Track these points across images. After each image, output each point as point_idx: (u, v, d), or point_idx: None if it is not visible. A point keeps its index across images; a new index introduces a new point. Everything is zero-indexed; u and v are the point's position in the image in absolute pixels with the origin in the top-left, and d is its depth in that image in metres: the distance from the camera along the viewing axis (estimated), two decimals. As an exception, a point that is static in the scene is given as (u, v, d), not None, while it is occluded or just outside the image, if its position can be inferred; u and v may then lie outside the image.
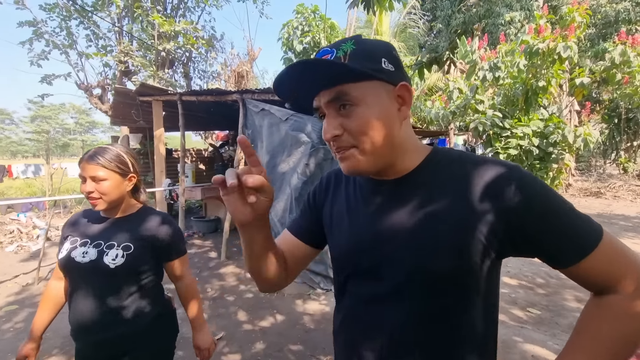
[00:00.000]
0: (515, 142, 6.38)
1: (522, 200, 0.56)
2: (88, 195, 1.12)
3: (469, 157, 0.65)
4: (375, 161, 0.62)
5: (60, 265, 1.17)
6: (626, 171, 13.34)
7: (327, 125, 0.61)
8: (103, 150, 1.14)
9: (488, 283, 0.62)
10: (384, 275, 0.64)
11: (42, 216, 6.44)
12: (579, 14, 6.06)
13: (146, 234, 1.18)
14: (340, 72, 0.58)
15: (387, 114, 0.60)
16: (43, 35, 6.36)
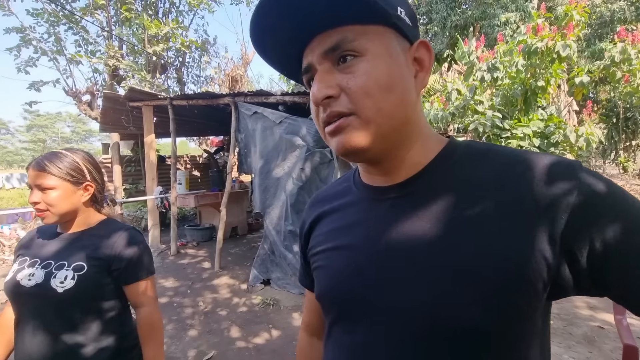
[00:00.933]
0: (516, 143, 6.26)
1: (591, 215, 0.38)
2: (34, 207, 0.96)
3: (503, 152, 0.45)
4: (381, 135, 0.43)
5: (5, 290, 0.97)
6: (626, 171, 13.28)
7: (318, 83, 0.43)
8: (53, 155, 0.99)
9: (532, 335, 0.42)
10: (381, 320, 0.45)
11: (29, 227, 6.22)
12: (577, 12, 5.97)
13: (104, 251, 0.99)
14: (347, 4, 0.40)
15: (400, 73, 0.43)
16: (31, 41, 6.21)
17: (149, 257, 1.09)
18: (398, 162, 0.47)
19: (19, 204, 10.56)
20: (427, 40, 0.46)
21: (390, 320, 0.44)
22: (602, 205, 0.38)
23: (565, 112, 9.93)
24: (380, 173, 0.49)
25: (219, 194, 5.59)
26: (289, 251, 3.52)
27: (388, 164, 0.48)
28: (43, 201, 0.95)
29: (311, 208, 0.62)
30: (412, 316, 0.42)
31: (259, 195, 3.83)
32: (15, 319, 0.98)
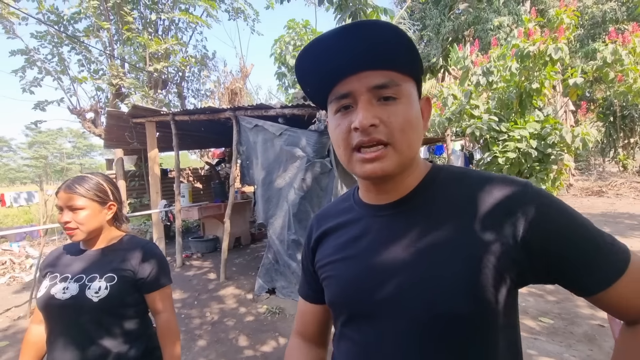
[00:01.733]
0: (513, 145, 6.33)
1: (541, 221, 0.49)
2: (65, 226, 1.06)
3: (476, 175, 0.57)
4: (404, 165, 0.54)
5: (39, 305, 1.07)
6: (626, 168, 13.31)
7: (364, 112, 0.51)
8: (81, 179, 1.10)
9: (507, 317, 0.53)
10: (385, 319, 0.54)
11: (37, 244, 6.31)
12: (567, 16, 6.10)
13: (128, 263, 1.11)
14: (403, 52, 0.50)
15: (419, 119, 0.55)
16: (35, 62, 6.38)
17: (166, 268, 1.20)
18: (398, 185, 0.58)
19: (24, 221, 10.65)
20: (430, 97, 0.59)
21: (393, 315, 0.53)
22: (548, 214, 0.50)
23: (561, 112, 10.03)
24: (380, 192, 0.59)
25: (222, 205, 5.68)
26: (293, 260, 3.59)
27: (391, 186, 0.58)
28: (73, 220, 1.06)
29: (316, 225, 0.71)
30: (410, 310, 0.52)
31: (262, 206, 3.92)
32: (49, 331, 1.07)
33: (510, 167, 6.54)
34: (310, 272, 0.72)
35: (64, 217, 1.06)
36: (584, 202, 9.30)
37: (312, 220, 0.74)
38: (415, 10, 14.65)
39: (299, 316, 0.77)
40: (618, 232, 5.90)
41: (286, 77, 10.14)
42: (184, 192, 5.78)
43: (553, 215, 0.50)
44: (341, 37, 0.50)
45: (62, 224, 1.07)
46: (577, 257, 0.49)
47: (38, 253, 5.53)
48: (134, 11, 6.93)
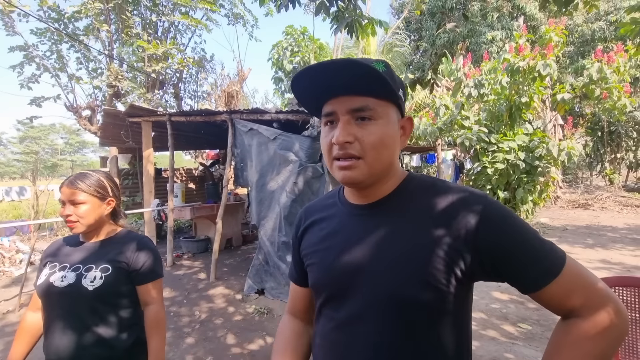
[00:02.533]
0: (502, 157, 6.52)
1: (489, 227, 0.59)
2: (66, 219, 1.14)
3: (441, 185, 0.67)
4: (374, 175, 0.64)
5: (38, 291, 1.15)
6: (612, 182, 13.64)
7: (341, 131, 0.62)
8: (83, 175, 1.18)
9: (458, 305, 0.63)
10: (356, 299, 0.65)
11: (27, 239, 6.28)
12: (555, 34, 6.34)
13: (123, 255, 1.19)
14: (377, 84, 0.60)
15: (395, 137, 0.65)
16: (34, 59, 6.40)
17: (159, 262, 1.27)
18: (375, 190, 0.68)
19: (13, 216, 10.52)
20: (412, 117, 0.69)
21: (363, 299, 0.64)
22: (497, 222, 0.60)
23: (550, 126, 10.29)
24: (361, 195, 0.71)
25: (215, 206, 5.73)
26: (283, 261, 3.67)
27: (369, 191, 0.69)
28: (74, 214, 1.14)
29: (304, 216, 0.83)
30: (376, 295, 0.63)
31: (255, 208, 3.99)
32: (46, 316, 1.14)
33: (498, 178, 6.73)
34: (297, 258, 0.83)
35: (66, 210, 1.13)
36: (570, 214, 9.53)
37: (301, 212, 0.85)
38: (412, 21, 14.96)
39: (290, 297, 0.88)
40: (600, 244, 6.09)
41: (283, 81, 10.27)
42: (177, 191, 5.82)
43: (501, 224, 0.59)
44: (330, 68, 0.60)
45: (64, 217, 1.14)
46: (519, 260, 0.58)
47: (28, 248, 5.52)
48: (134, 13, 7.01)
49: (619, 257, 5.22)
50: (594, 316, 0.56)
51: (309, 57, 9.45)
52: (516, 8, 12.92)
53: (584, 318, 0.57)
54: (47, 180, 11.61)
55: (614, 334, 0.56)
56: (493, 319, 3.26)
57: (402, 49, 13.18)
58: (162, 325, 1.23)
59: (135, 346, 1.19)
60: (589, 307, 0.57)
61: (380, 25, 3.23)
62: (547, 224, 8.09)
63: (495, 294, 3.87)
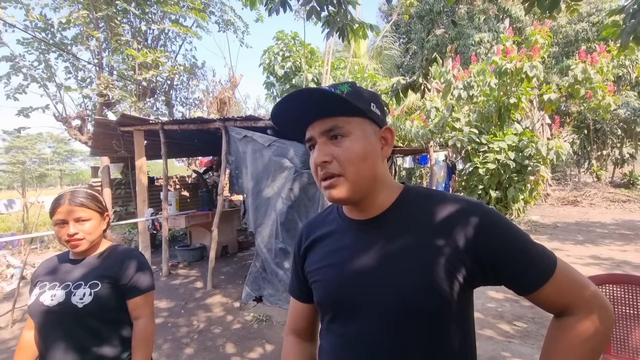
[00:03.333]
0: (493, 157, 6.64)
1: (487, 234, 0.63)
2: (71, 238, 1.11)
3: (438, 196, 0.70)
4: (358, 190, 0.66)
5: (29, 312, 1.13)
6: (599, 179, 13.95)
7: (318, 152, 0.66)
8: (79, 192, 1.17)
9: (461, 311, 0.67)
10: (364, 313, 0.67)
11: (17, 253, 6.15)
12: (541, 36, 6.50)
13: (111, 270, 1.17)
14: (338, 104, 0.64)
15: (372, 148, 0.67)
16: (21, 69, 6.30)
17: (149, 274, 1.25)
18: (369, 204, 0.70)
19: (1, 229, 10.29)
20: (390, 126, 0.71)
21: (372, 312, 0.66)
22: (493, 230, 0.64)
23: (539, 125, 10.51)
24: (358, 210, 0.73)
25: (209, 214, 5.70)
26: (280, 268, 3.67)
27: (362, 206, 0.71)
28: (81, 231, 1.13)
29: (305, 233, 0.84)
30: (384, 307, 0.65)
31: (251, 215, 3.99)
32: (38, 336, 1.13)
33: (490, 178, 6.84)
34: (299, 275, 0.84)
35: (71, 229, 1.11)
36: (560, 211, 9.71)
37: (301, 229, 0.87)
38: (401, 24, 15.15)
39: (290, 313, 0.89)
40: (590, 240, 6.22)
41: (274, 86, 10.29)
42: (171, 200, 5.78)
43: (497, 231, 0.63)
44: (298, 99, 0.65)
45: (68, 237, 1.11)
46: (516, 265, 0.62)
47: (19, 262, 5.41)
48: (123, 21, 6.97)
49: (608, 253, 5.34)
50: (584, 313, 0.61)
51: (300, 62, 9.50)
52: (502, 10, 13.19)
53: (575, 315, 0.62)
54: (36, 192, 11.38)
55: (602, 328, 0.60)
56: (489, 318, 3.31)
57: (391, 52, 13.33)
58: (149, 341, 1.20)
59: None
60: (579, 304, 0.62)
61: (371, 29, 3.28)
62: (538, 222, 8.23)
63: (490, 293, 3.93)
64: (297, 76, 9.56)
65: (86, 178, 43.47)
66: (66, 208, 1.12)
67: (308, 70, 9.34)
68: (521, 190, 6.86)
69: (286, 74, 9.72)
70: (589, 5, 13.46)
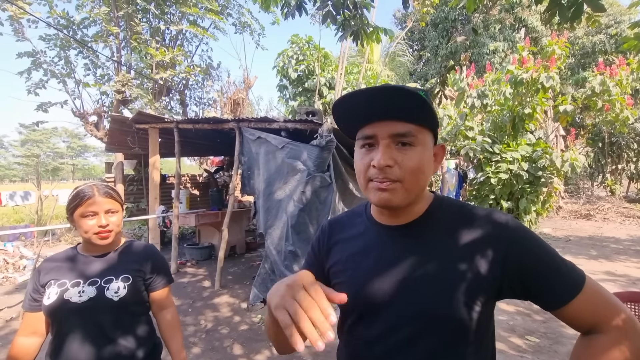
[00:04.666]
0: (506, 167, 6.55)
1: (517, 248, 0.63)
2: (102, 229, 1.12)
3: (469, 208, 0.71)
4: (410, 199, 0.66)
5: (50, 310, 1.10)
6: (614, 193, 13.65)
7: (383, 154, 0.63)
8: (105, 185, 1.19)
9: (486, 321, 0.67)
10: (390, 318, 0.67)
11: (30, 245, 6.27)
12: (558, 47, 6.42)
13: (137, 264, 1.21)
14: (422, 112, 0.63)
15: (430, 163, 0.68)
16: (41, 64, 6.46)
17: (168, 267, 1.33)
18: (405, 211, 0.71)
19: (14, 220, 10.49)
20: (444, 145, 0.73)
21: (397, 317, 0.66)
22: (523, 245, 0.64)
23: (552, 136, 10.35)
24: (391, 216, 0.73)
25: (219, 213, 5.73)
26: (290, 271, 3.66)
27: (398, 212, 0.71)
28: (111, 223, 1.14)
29: (329, 231, 0.84)
30: (408, 313, 0.65)
31: (262, 216, 4.00)
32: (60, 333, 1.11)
33: (502, 188, 6.75)
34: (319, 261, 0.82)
35: (102, 220, 1.12)
36: (573, 225, 9.52)
37: (324, 226, 0.86)
38: (415, 30, 15.14)
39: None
40: (604, 256, 6.08)
41: (287, 89, 10.35)
42: (182, 198, 5.83)
43: (526, 246, 0.64)
44: (379, 92, 0.62)
45: (97, 228, 1.11)
46: (545, 279, 0.62)
47: (32, 253, 5.51)
48: (143, 20, 7.10)
49: (623, 269, 5.21)
50: (615, 333, 0.60)
51: (314, 66, 9.54)
52: (518, 20, 13.09)
53: (604, 334, 0.60)
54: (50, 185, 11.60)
55: (631, 349, 0.58)
56: (500, 331, 3.24)
57: (404, 58, 13.32)
58: (180, 326, 1.30)
59: (153, 351, 1.23)
60: (608, 323, 0.60)
61: (385, 33, 3.27)
62: (550, 235, 8.08)
63: (501, 305, 3.86)
64: (310, 79, 9.61)
65: (98, 173, 44.18)
66: (97, 200, 1.12)
67: (321, 74, 9.38)
68: (533, 201, 6.75)
69: (299, 77, 9.78)
70: (608, 17, 13.28)
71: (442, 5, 12.74)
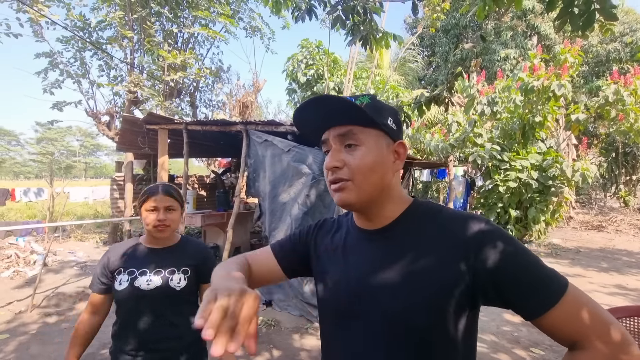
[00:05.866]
0: (515, 175, 6.47)
1: (492, 252, 0.61)
2: (160, 223, 1.28)
3: (447, 212, 0.70)
4: (364, 197, 0.67)
5: (122, 296, 1.27)
6: (627, 205, 13.31)
7: (330, 157, 0.68)
8: (169, 185, 1.37)
9: (464, 329, 0.65)
10: (364, 320, 0.68)
11: (41, 240, 6.41)
12: (571, 55, 6.35)
13: (194, 259, 1.37)
14: (354, 113, 0.66)
15: (383, 160, 0.68)
16: (58, 65, 6.65)
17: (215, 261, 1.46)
18: (376, 215, 0.71)
19: (27, 216, 10.76)
20: (404, 142, 0.72)
21: (370, 321, 0.67)
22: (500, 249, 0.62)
23: (564, 145, 10.19)
24: (365, 219, 0.74)
25: (225, 214, 5.77)
26: (292, 273, 3.66)
27: (369, 215, 0.72)
28: (168, 218, 1.29)
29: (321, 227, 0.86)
30: (379, 317, 0.65)
31: (267, 219, 4.02)
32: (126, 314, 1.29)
33: (510, 196, 6.66)
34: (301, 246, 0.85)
35: (161, 215, 1.27)
36: (584, 236, 9.31)
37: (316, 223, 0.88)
38: (425, 36, 15.11)
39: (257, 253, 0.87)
40: (615, 269, 5.93)
41: (296, 93, 10.43)
42: (189, 198, 5.89)
43: (503, 249, 0.61)
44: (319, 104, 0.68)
45: (156, 222, 1.27)
46: (521, 285, 0.59)
47: (42, 249, 5.63)
48: (156, 24, 7.26)
49: (635, 283, 5.07)
50: (597, 349, 0.55)
51: (323, 70, 9.60)
52: (530, 27, 12.97)
53: (588, 350, 0.56)
54: (62, 182, 11.85)
55: None
56: (504, 342, 3.19)
57: (415, 64, 13.30)
58: None
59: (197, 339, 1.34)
60: (592, 338, 0.56)
61: (395, 39, 3.28)
62: (560, 245, 7.92)
63: (506, 316, 3.79)
64: (318, 84, 9.67)
65: (109, 172, 45.07)
66: (159, 197, 1.29)
67: (330, 79, 9.43)
68: (543, 211, 6.64)
69: (308, 81, 9.85)
70: (623, 26, 13.06)
71: (453, 11, 12.72)
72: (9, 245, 5.42)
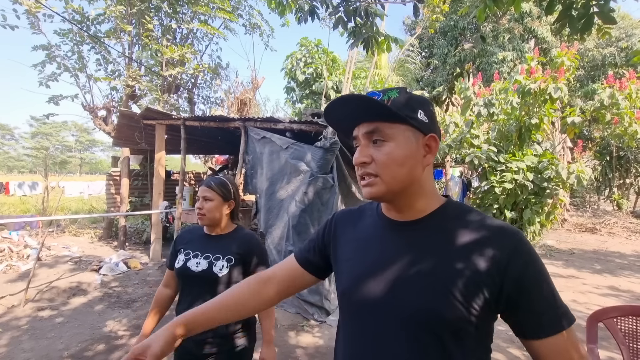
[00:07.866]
0: (510, 176, 6.50)
1: (518, 263, 0.62)
2: (199, 211, 1.43)
3: (478, 214, 0.71)
4: (393, 192, 0.69)
5: (178, 273, 1.44)
6: (620, 208, 13.47)
7: (359, 152, 0.71)
8: (215, 178, 1.50)
9: (481, 331, 0.66)
10: (385, 310, 0.67)
11: (35, 234, 6.34)
12: (567, 58, 6.39)
13: (241, 248, 1.45)
14: (380, 111, 0.67)
15: (411, 155, 0.69)
16: (55, 58, 6.58)
17: (266, 254, 1.54)
18: (407, 207, 0.72)
19: (21, 210, 10.63)
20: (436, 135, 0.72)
21: (392, 311, 0.67)
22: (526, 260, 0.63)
23: (559, 147, 10.27)
24: (395, 210, 0.75)
25: (222, 212, 5.76)
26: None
27: (400, 207, 0.73)
28: (204, 207, 1.42)
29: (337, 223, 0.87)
30: (404, 308, 0.65)
31: (263, 216, 4.02)
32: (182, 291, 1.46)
33: (506, 198, 6.70)
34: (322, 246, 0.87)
35: (198, 204, 1.44)
36: (577, 238, 9.41)
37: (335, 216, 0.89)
38: (424, 38, 15.16)
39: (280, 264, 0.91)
40: (608, 271, 6.00)
41: (294, 91, 10.41)
42: (186, 195, 5.87)
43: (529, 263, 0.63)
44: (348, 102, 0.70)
45: (197, 210, 1.43)
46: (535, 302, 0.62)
47: (36, 243, 5.57)
48: (154, 18, 7.20)
49: (627, 285, 5.14)
50: None
51: (322, 69, 9.60)
52: (527, 30, 13.06)
53: None
54: (57, 177, 11.74)
55: None
56: (499, 342, 3.21)
57: (413, 65, 13.33)
58: (273, 309, 1.54)
59: (245, 324, 1.45)
60: None
61: (396, 42, 3.30)
62: (554, 247, 8.00)
63: (500, 315, 3.82)
64: (317, 82, 9.66)
65: (105, 168, 44.70)
66: (201, 188, 1.46)
67: (329, 78, 9.42)
68: (538, 212, 6.69)
69: (307, 79, 9.84)
70: (619, 30, 13.19)
71: (452, 13, 12.76)
72: (2, 239, 5.36)
